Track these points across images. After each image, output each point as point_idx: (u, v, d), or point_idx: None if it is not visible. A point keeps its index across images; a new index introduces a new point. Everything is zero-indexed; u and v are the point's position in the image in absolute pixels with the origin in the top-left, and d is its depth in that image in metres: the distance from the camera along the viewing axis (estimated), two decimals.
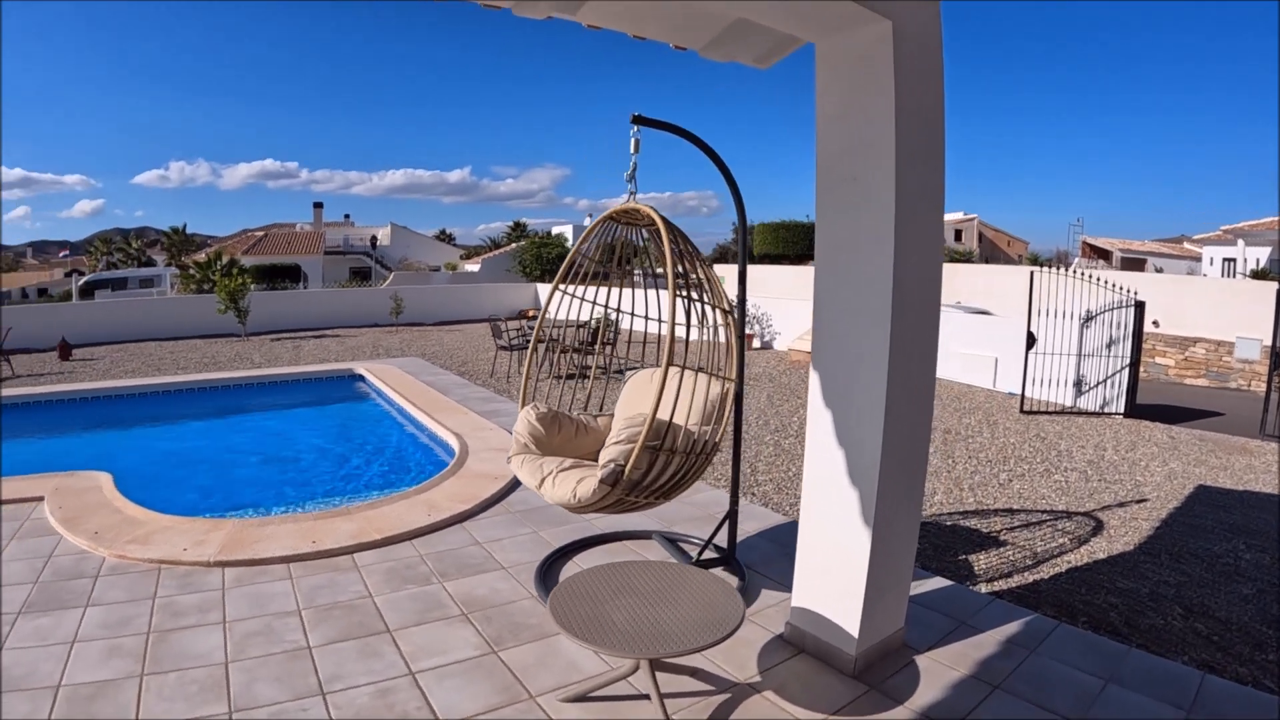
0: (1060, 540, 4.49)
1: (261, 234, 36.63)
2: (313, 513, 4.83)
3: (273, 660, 3.09)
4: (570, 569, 3.62)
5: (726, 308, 2.81)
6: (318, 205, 41.13)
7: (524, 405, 3.25)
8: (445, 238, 51.22)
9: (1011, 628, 3.02)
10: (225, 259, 19.21)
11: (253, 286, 22.49)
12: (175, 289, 25.48)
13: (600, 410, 3.78)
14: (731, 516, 3.45)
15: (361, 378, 10.17)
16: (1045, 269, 8.61)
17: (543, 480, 2.77)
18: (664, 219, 2.68)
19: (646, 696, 2.41)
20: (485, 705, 2.58)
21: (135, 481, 5.86)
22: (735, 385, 2.81)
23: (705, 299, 2.74)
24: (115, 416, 9.05)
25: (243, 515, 5.20)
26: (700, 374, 2.78)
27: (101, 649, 3.26)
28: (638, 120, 2.84)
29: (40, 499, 5.27)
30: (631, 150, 2.87)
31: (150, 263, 36.31)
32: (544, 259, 24.92)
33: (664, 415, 2.63)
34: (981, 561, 4.13)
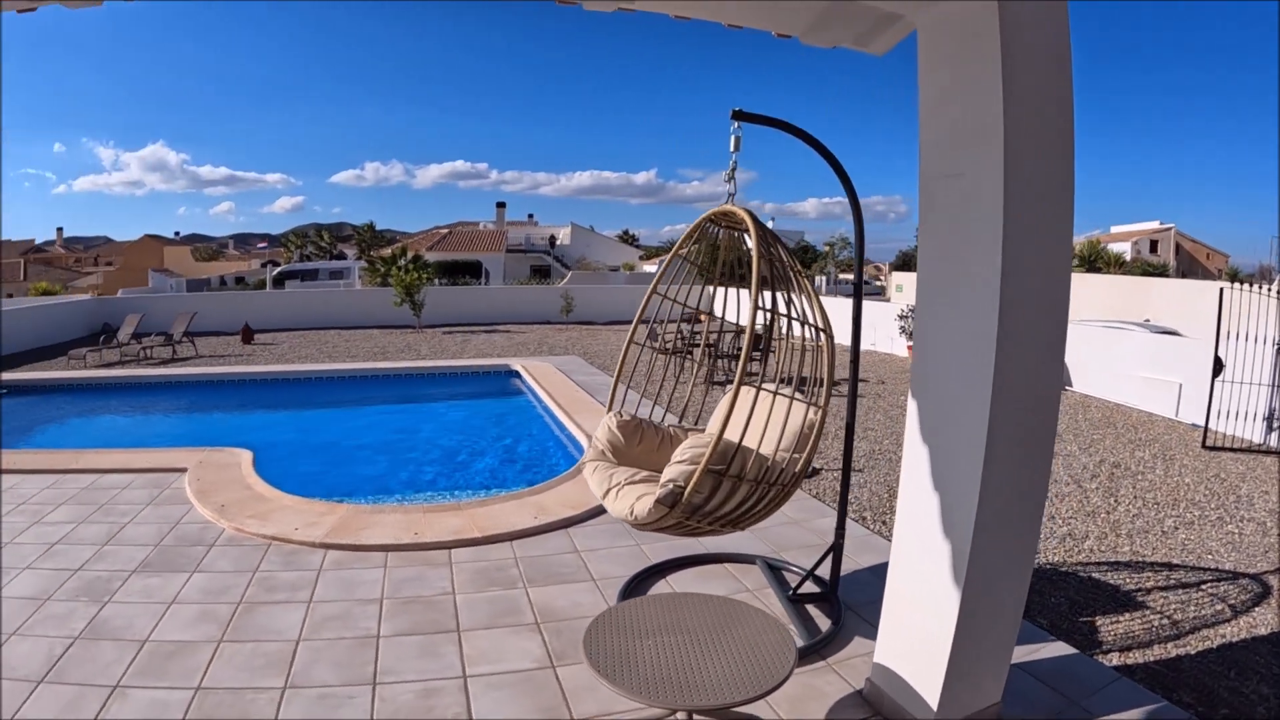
0: (1217, 607, 4.32)
1: (446, 231, 43.51)
2: (423, 505, 5.46)
3: (340, 645, 3.50)
4: (658, 589, 3.86)
5: (821, 324, 2.99)
6: (500, 205, 47.99)
7: (610, 410, 3.61)
8: (628, 239, 57.14)
9: (1133, 716, 2.89)
10: (409, 254, 22.64)
11: (437, 282, 26.18)
12: (361, 282, 30.80)
13: (696, 423, 3.96)
14: (836, 550, 3.59)
15: (517, 374, 11.26)
16: (1239, 286, 8.53)
17: (607, 491, 3.08)
18: (756, 221, 2.87)
19: None
20: (524, 715, 2.82)
21: (276, 460, 7.03)
22: (826, 411, 2.99)
23: (796, 313, 2.95)
24: (275, 398, 11.02)
25: (362, 501, 5.91)
26: (789, 397, 2.96)
27: (194, 612, 3.88)
28: (738, 116, 3.07)
29: (184, 470, 6.50)
30: (731, 148, 3.14)
31: (341, 256, 44.03)
32: (720, 262, 26.70)
33: (748, 438, 2.85)
34: (1119, 626, 4.03)
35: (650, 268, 34.97)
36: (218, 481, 6.13)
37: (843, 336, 3.88)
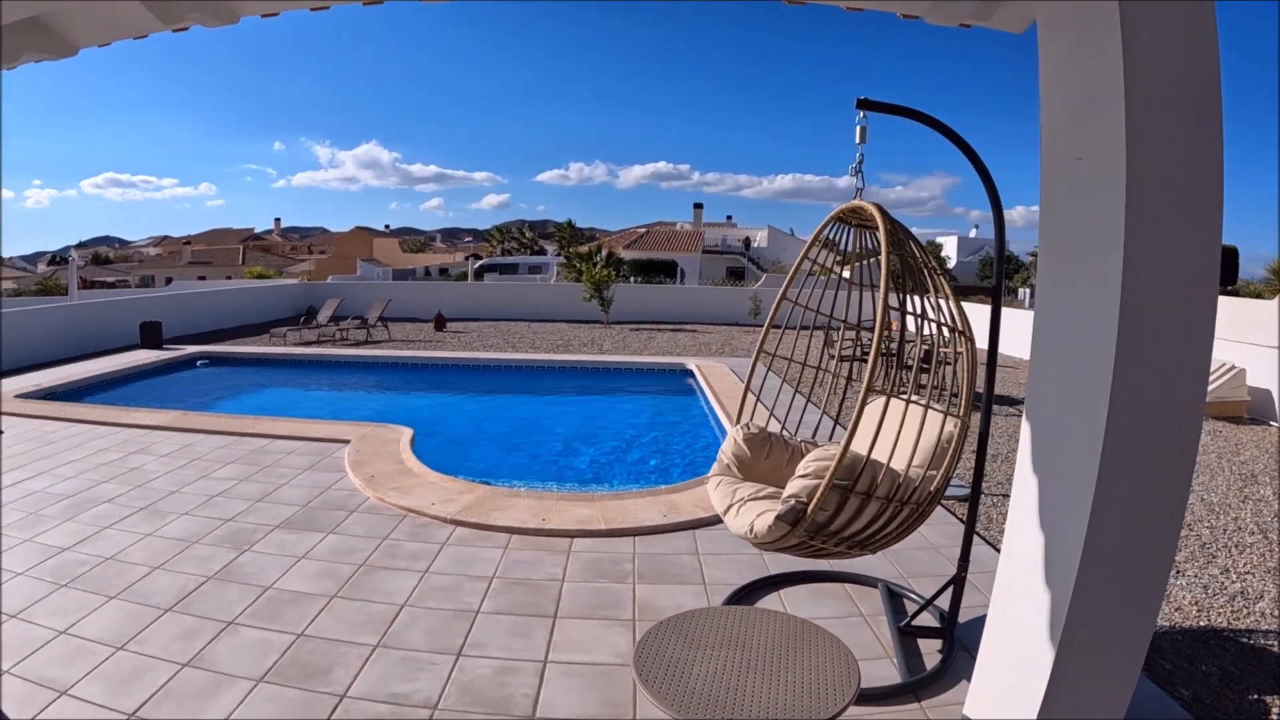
0: None
1: (644, 230, 52.13)
2: (558, 493, 6.16)
3: (439, 614, 4.06)
4: (766, 603, 4.16)
5: (960, 327, 3.19)
6: (698, 206, 54.23)
7: (737, 422, 3.95)
8: (827, 243, 60.26)
9: None
10: (604, 252, 25.48)
11: (633, 280, 29.46)
12: (557, 277, 34.74)
13: (831, 437, 4.12)
14: (957, 582, 3.78)
15: (691, 374, 12.20)
16: None
17: (729, 507, 3.30)
18: (886, 217, 3.08)
19: None
20: (581, 714, 3.15)
21: (434, 440, 8.25)
22: (966, 424, 3.16)
23: (931, 315, 3.15)
24: (450, 382, 12.83)
25: (502, 484, 6.63)
26: (924, 407, 3.09)
27: (318, 569, 4.67)
28: (863, 105, 3.39)
29: (347, 441, 7.75)
30: (857, 139, 3.46)
31: (541, 252, 50.82)
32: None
33: (879, 451, 3.05)
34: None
35: (847, 272, 35.74)
36: (374, 454, 7.21)
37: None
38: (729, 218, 59.21)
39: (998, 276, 3.57)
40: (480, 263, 40.16)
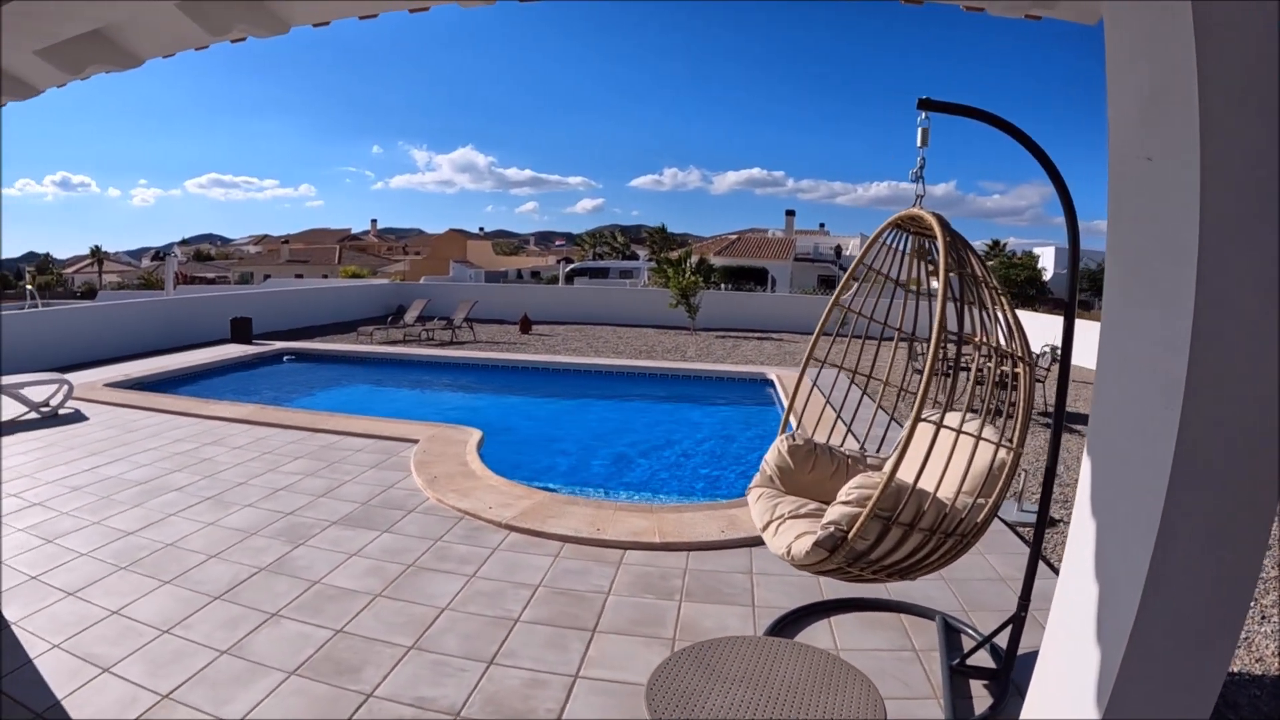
0: None
1: (735, 237, 52.24)
2: (616, 503, 6.16)
3: (477, 620, 4.12)
4: (814, 631, 4.06)
5: (1018, 350, 3.13)
6: (790, 213, 54.91)
7: (783, 431, 3.95)
8: (921, 253, 62.04)
9: None
10: (694, 258, 25.76)
11: (723, 286, 29.82)
12: (646, 282, 35.12)
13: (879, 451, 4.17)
14: (1017, 621, 3.65)
15: (770, 384, 12.00)
16: None
17: (768, 524, 3.30)
18: (945, 229, 3.07)
19: None
20: None
21: (502, 443, 8.44)
22: (1019, 452, 3.09)
23: (988, 339, 3.12)
24: (528, 385, 13.07)
25: (562, 491, 6.69)
26: (975, 437, 3.06)
27: (368, 566, 4.80)
28: (925, 105, 3.35)
29: (415, 441, 7.96)
30: (918, 142, 3.45)
31: (633, 257, 52.87)
32: (1011, 280, 29.78)
33: (927, 476, 3.01)
34: None
35: (933, 284, 36.30)
36: (439, 455, 7.39)
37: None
38: (821, 225, 60.34)
39: (1071, 291, 3.40)
40: (571, 266, 41.13)
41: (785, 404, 10.73)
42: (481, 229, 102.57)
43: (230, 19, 3.51)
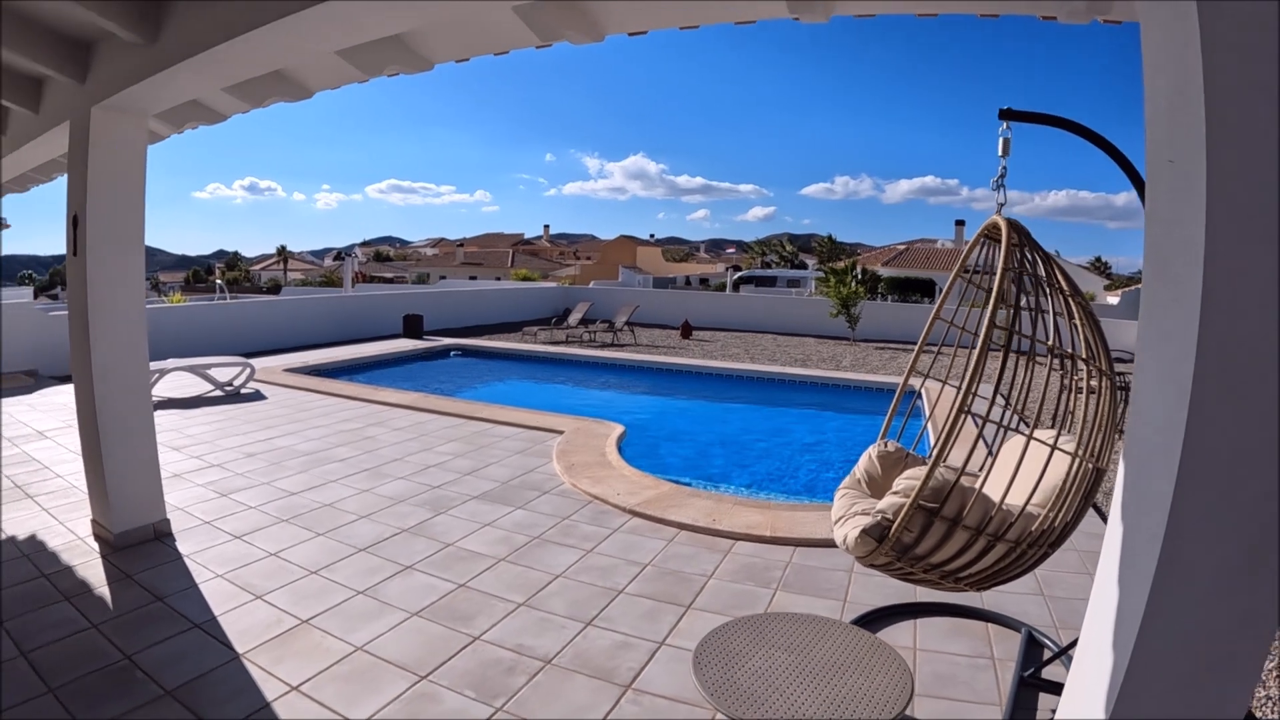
0: None
1: (904, 247, 52.12)
2: (736, 497, 6.45)
3: (586, 588, 4.54)
4: (897, 629, 4.17)
5: (1096, 358, 3.07)
6: (959, 223, 53.23)
7: (879, 439, 4.06)
8: (1099, 266, 61.88)
9: None
10: (859, 268, 25.54)
11: (889, 297, 30.10)
12: (813, 291, 35.02)
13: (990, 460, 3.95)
14: None
15: (920, 396, 11.65)
16: None
17: (839, 519, 3.38)
18: (1013, 231, 3.14)
19: None
20: (675, 695, 3.46)
21: (642, 438, 8.97)
22: (1097, 466, 3.01)
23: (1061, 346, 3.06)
24: (679, 386, 13.56)
25: (687, 484, 7.01)
26: (1040, 440, 3.04)
27: (498, 536, 5.33)
28: (1006, 115, 3.47)
29: (560, 433, 8.54)
30: (999, 152, 3.57)
31: (801, 266, 53.11)
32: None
33: (995, 483, 3.15)
34: None
35: (1113, 299, 34.18)
36: (581, 446, 7.90)
37: None
38: None
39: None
40: (739, 274, 41.54)
41: (927, 417, 10.59)
42: (653, 236, 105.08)
43: (383, 60, 4.13)
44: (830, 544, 5.20)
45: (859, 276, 23.41)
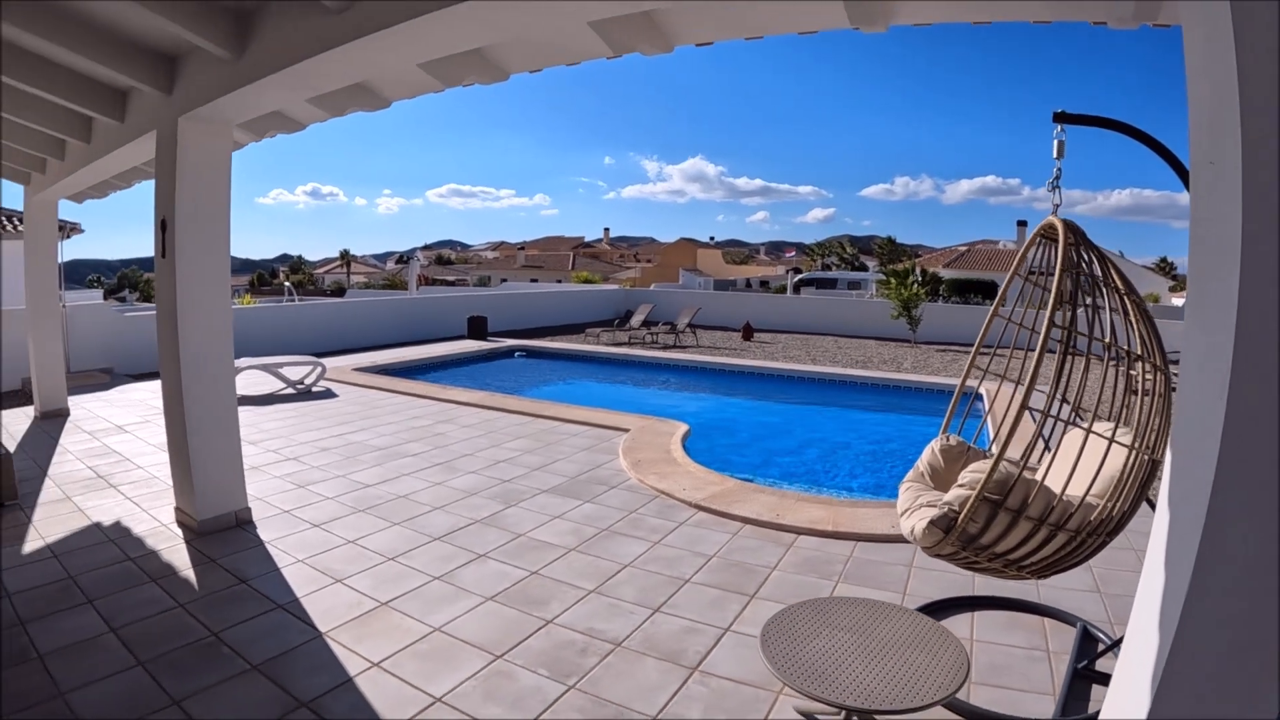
0: None
1: (965, 249, 51.63)
2: (799, 494, 6.51)
3: (653, 577, 4.66)
4: (955, 621, 4.24)
5: (1152, 356, 3.14)
6: (1021, 223, 52.18)
7: (941, 434, 4.14)
8: (1164, 267, 61.87)
9: None
10: (919, 270, 25.34)
11: (950, 299, 29.64)
12: (874, 294, 34.73)
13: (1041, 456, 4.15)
14: None
15: (980, 397, 11.50)
16: None
17: (905, 511, 3.49)
18: (1069, 230, 3.20)
19: None
20: (740, 678, 3.58)
21: (705, 436, 9.05)
22: (1152, 459, 3.09)
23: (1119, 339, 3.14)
24: (739, 386, 13.62)
25: (750, 480, 7.07)
26: (1099, 434, 3.15)
27: (568, 527, 5.47)
28: (1060, 118, 3.48)
29: (625, 430, 8.66)
30: (1054, 155, 3.60)
31: (862, 268, 52.80)
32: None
33: (1057, 475, 3.21)
34: None
35: (1178, 300, 34.23)
36: (646, 444, 8.01)
37: None
38: None
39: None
40: (799, 277, 41.44)
41: (988, 419, 10.49)
42: (712, 238, 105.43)
43: (462, 72, 4.32)
44: (890, 539, 5.25)
45: (920, 279, 23.24)
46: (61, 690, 3.33)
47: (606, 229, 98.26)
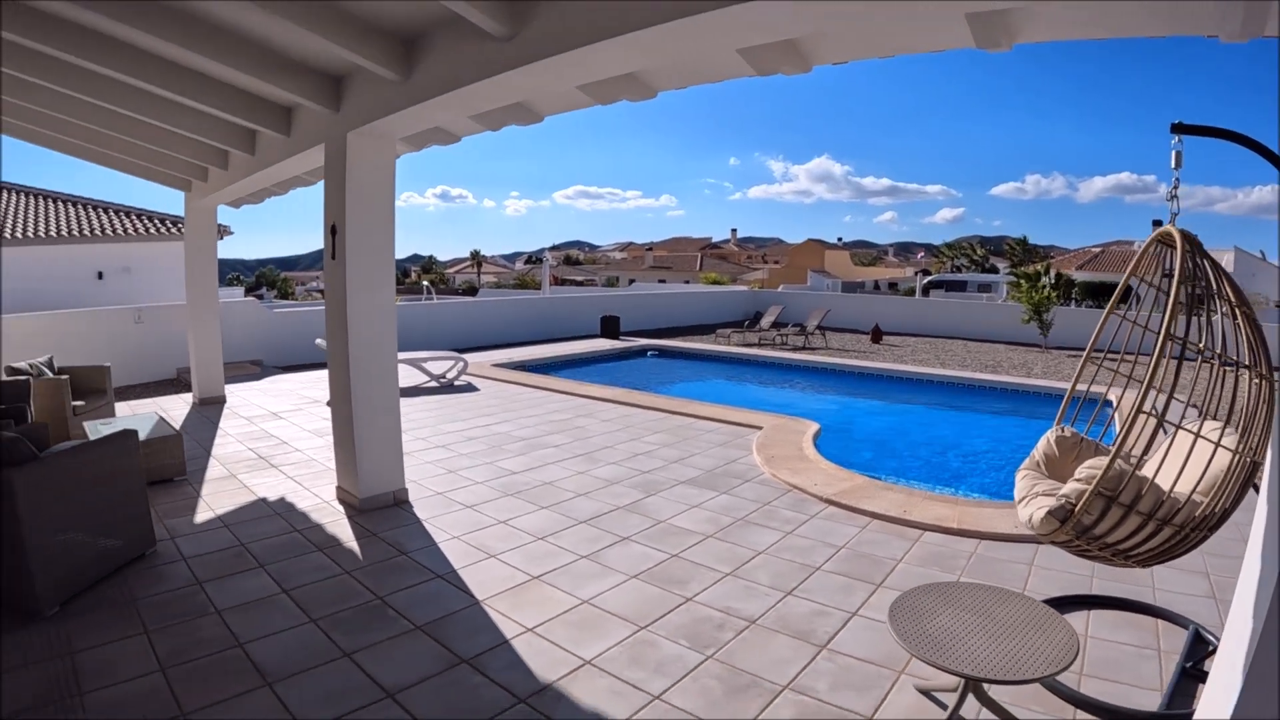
0: None
1: (1099, 250, 49.63)
2: (927, 492, 6.57)
3: (786, 564, 4.87)
4: (1070, 617, 4.10)
5: (1260, 367, 3.21)
6: (1156, 223, 48.06)
7: (1058, 424, 4.25)
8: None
9: None
10: (1052, 272, 24.33)
11: (1083, 303, 28.70)
12: (1005, 297, 33.54)
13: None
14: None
15: (1109, 403, 11.05)
16: None
17: (1022, 499, 3.63)
18: (1187, 241, 3.26)
19: None
20: (865, 657, 3.78)
21: (837, 435, 9.21)
22: (1255, 459, 3.13)
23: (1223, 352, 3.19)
24: (869, 388, 13.60)
25: (879, 479, 7.11)
26: (1205, 438, 3.23)
27: (705, 516, 5.72)
28: (1177, 129, 3.53)
29: (759, 428, 8.83)
30: (1172, 165, 3.67)
31: (992, 270, 51.11)
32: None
33: (1166, 471, 3.40)
34: None
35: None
36: (779, 441, 8.17)
37: None
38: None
39: None
40: (928, 279, 40.63)
41: (1117, 426, 10.14)
42: (839, 239, 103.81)
43: (616, 92, 4.71)
44: (1013, 539, 5.31)
45: (1052, 281, 22.36)
46: (240, 640, 3.81)
47: (734, 230, 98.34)
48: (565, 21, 3.76)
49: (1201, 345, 3.24)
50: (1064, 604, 4.39)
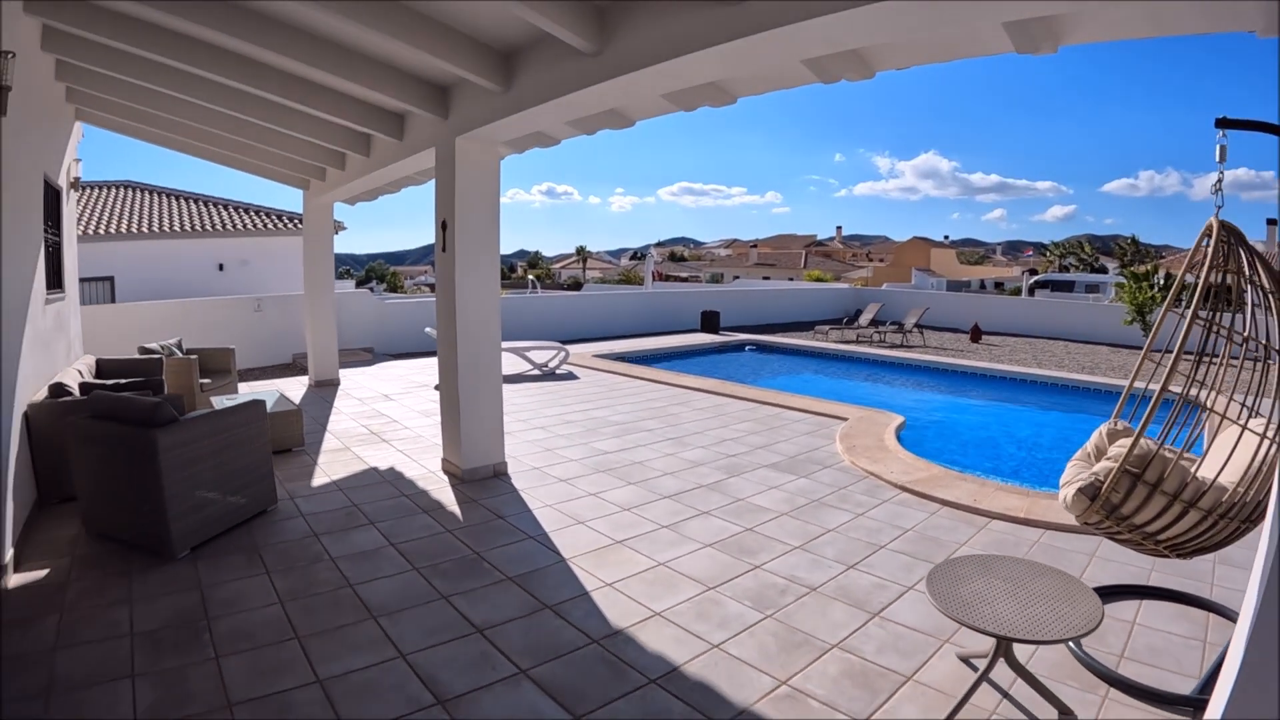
0: None
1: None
2: (997, 483, 6.62)
3: (853, 541, 5.12)
4: (1121, 606, 4.32)
5: None
6: (1271, 221, 45.32)
7: (1115, 417, 4.36)
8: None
9: None
10: (1162, 273, 23.19)
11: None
12: (1113, 297, 32.12)
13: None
14: None
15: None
16: None
17: (1065, 483, 3.76)
18: (1224, 230, 3.37)
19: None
20: (913, 625, 4.00)
21: (920, 429, 9.33)
22: None
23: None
24: (960, 385, 13.54)
25: (955, 469, 7.20)
26: (1232, 420, 3.39)
27: (782, 496, 5.99)
28: (1222, 124, 3.52)
29: (844, 419, 9.01)
30: (1216, 159, 3.64)
31: (1101, 269, 49.11)
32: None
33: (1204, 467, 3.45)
34: None
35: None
36: (862, 432, 8.34)
37: None
38: None
39: None
40: (1035, 279, 39.22)
41: (1206, 431, 9.77)
42: (946, 237, 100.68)
43: (699, 99, 5.03)
44: (1078, 531, 5.39)
45: (1160, 282, 21.42)
46: (350, 582, 4.35)
47: (839, 227, 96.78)
48: (645, 38, 4.13)
49: (1246, 335, 3.39)
50: (1119, 592, 4.48)
